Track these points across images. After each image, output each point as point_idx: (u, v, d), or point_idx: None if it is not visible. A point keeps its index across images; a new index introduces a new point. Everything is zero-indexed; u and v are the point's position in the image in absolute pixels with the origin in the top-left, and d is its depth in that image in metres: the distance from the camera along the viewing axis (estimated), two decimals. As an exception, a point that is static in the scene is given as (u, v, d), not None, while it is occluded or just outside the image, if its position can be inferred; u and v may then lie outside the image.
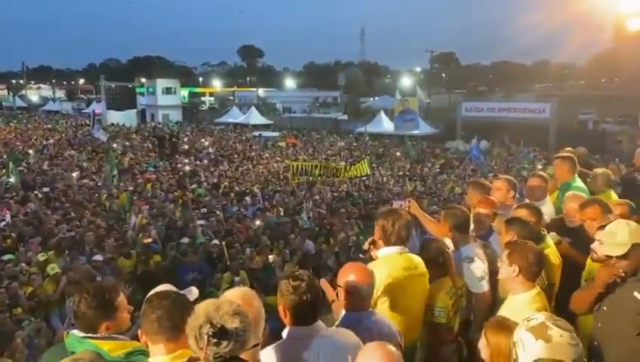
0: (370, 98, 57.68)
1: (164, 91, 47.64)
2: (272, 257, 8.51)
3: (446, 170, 22.41)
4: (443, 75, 79.96)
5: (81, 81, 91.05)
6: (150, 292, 2.27)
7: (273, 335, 2.41)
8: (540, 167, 18.49)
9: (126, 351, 2.21)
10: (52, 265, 7.32)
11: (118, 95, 41.71)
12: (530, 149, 27.85)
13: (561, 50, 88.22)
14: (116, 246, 8.93)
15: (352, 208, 13.12)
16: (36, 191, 13.42)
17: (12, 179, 13.97)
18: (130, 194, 13.10)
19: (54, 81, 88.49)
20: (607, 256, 2.84)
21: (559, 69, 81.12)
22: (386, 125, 35.37)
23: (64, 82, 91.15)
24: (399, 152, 27.14)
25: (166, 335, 2.05)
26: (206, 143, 27.85)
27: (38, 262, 7.67)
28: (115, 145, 24.27)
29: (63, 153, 22.21)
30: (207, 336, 1.60)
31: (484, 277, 3.46)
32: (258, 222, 10.99)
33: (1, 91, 76.19)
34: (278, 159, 22.80)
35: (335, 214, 12.27)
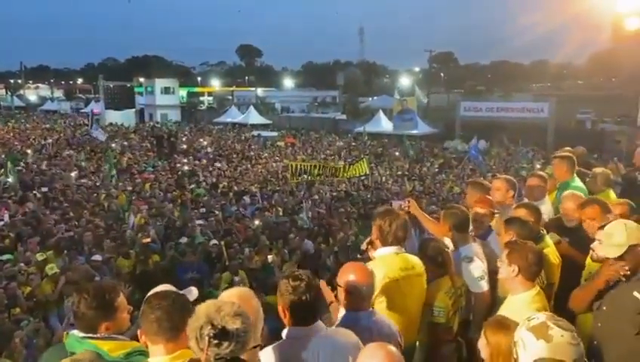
0: (368, 98, 57.83)
1: (163, 91, 47.53)
2: (270, 257, 8.50)
3: (445, 170, 22.46)
4: (442, 74, 79.96)
5: (79, 81, 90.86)
6: (149, 293, 2.26)
7: (273, 335, 2.41)
8: (539, 166, 18.51)
9: (126, 352, 2.21)
10: (51, 265, 7.28)
11: (117, 95, 41.73)
12: (528, 149, 27.90)
13: (560, 50, 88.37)
14: (115, 246, 8.92)
15: (351, 208, 13.14)
16: (35, 190, 13.39)
17: (10, 179, 13.92)
18: (128, 193, 13.12)
19: (53, 80, 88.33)
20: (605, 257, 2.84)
21: (557, 68, 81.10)
22: (384, 125, 35.40)
23: (62, 82, 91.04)
24: (398, 152, 27.16)
25: (165, 335, 2.05)
26: (205, 143, 27.81)
27: (37, 262, 7.64)
28: (113, 145, 24.20)
29: (61, 153, 22.17)
30: (208, 337, 1.60)
31: (484, 277, 3.46)
32: (257, 222, 11.00)
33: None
34: (277, 159, 22.81)
35: (334, 214, 12.29)
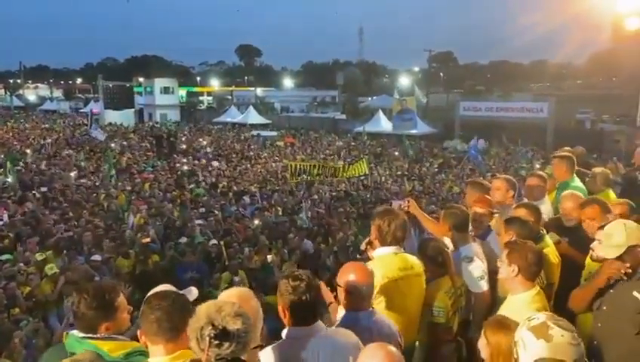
0: (368, 97, 57.84)
1: (162, 91, 47.55)
2: (270, 257, 8.49)
3: (444, 170, 22.46)
4: (441, 74, 79.96)
5: (78, 81, 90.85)
6: (149, 293, 2.25)
7: (273, 335, 2.40)
8: (538, 166, 18.52)
9: (126, 352, 2.21)
10: (50, 265, 7.27)
11: (116, 94, 41.70)
12: (528, 149, 27.89)
13: (559, 50, 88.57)
14: (114, 246, 8.90)
15: (351, 208, 13.15)
16: (34, 190, 13.38)
17: (10, 179, 13.92)
18: (128, 193, 13.11)
19: (52, 80, 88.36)
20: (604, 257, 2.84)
21: (557, 68, 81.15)
22: (384, 125, 35.39)
23: (62, 82, 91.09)
24: (397, 152, 27.16)
25: (165, 336, 2.04)
26: (204, 143, 27.80)
27: (36, 262, 7.62)
28: (112, 145, 24.18)
29: (60, 153, 22.15)
30: (209, 338, 1.60)
31: (484, 277, 3.46)
32: (256, 222, 10.99)
33: (-1, 90, 76.11)
34: (277, 159, 22.80)
35: (333, 214, 12.29)
